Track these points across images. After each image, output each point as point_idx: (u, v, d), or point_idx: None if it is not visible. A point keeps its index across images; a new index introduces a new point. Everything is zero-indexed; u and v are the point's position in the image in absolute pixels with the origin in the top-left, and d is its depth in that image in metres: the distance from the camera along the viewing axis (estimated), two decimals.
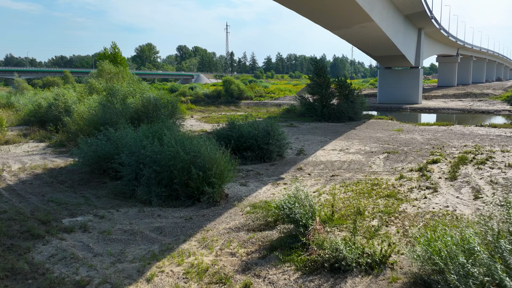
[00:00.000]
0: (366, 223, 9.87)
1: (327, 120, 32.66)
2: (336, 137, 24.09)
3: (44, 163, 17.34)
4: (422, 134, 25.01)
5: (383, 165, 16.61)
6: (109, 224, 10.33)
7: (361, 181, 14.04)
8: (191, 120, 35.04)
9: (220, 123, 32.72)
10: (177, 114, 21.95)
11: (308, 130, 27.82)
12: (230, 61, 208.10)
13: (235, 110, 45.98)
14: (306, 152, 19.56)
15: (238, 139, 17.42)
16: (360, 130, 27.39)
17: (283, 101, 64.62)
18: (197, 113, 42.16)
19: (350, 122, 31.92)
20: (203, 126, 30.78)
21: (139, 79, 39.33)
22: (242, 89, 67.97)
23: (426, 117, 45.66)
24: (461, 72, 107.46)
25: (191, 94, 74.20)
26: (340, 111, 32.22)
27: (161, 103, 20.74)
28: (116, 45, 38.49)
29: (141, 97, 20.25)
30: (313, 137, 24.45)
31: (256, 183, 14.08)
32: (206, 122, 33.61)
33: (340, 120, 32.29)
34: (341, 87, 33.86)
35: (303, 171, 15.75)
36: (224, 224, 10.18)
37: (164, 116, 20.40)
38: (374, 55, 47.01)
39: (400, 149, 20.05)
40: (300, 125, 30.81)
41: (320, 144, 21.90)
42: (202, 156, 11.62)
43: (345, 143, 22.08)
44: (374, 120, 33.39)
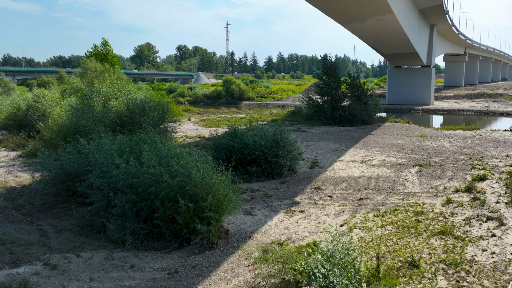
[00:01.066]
0: (428, 285, 6.79)
1: (337, 123, 29.57)
2: (352, 145, 21.00)
3: (5, 179, 14.27)
4: (450, 140, 21.92)
5: (419, 182, 13.53)
6: (61, 280, 7.27)
7: (398, 207, 10.97)
8: (188, 124, 31.98)
9: (220, 127, 29.72)
10: (169, 119, 18.87)
11: (319, 135, 24.74)
12: (230, 61, 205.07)
13: (236, 112, 42.94)
14: (322, 165, 16.48)
15: (241, 151, 14.37)
16: (378, 135, 24.30)
17: (286, 102, 61.55)
18: (195, 116, 39.11)
19: (364, 126, 28.84)
20: (200, 130, 27.72)
21: (128, 79, 36.27)
22: (243, 89, 64.92)
23: (440, 119, 42.58)
24: (467, 71, 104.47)
25: (190, 95, 71.17)
26: (352, 114, 29.14)
27: (150, 106, 17.68)
28: (107, 42, 35.43)
29: (126, 100, 17.17)
30: (326, 144, 21.37)
31: (264, 211, 10.99)
32: (204, 126, 30.56)
33: (352, 124, 29.21)
34: (353, 87, 30.80)
35: (322, 192, 12.67)
36: (224, 283, 7.11)
37: (153, 121, 17.34)
38: (384, 53, 43.95)
39: (431, 160, 16.97)
40: (309, 129, 27.74)
41: (335, 153, 18.81)
42: (193, 181, 8.56)
43: (364, 152, 19.00)
44: (390, 124, 30.30)
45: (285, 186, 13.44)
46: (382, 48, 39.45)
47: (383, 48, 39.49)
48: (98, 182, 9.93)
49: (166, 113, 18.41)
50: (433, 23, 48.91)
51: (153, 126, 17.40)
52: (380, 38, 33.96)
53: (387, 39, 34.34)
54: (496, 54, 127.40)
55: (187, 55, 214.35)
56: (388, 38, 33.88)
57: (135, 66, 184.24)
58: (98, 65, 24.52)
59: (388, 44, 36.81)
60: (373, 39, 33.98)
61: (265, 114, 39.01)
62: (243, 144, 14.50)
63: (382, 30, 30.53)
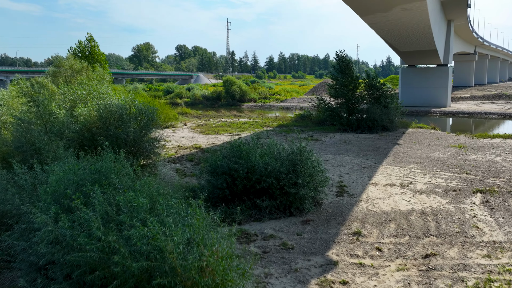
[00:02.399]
0: None
1: (354, 130, 25.73)
2: (381, 159, 17.17)
3: None
4: (498, 153, 18.10)
5: (495, 222, 9.72)
6: None
7: (491, 275, 7.15)
8: (184, 130, 28.15)
9: (220, 135, 25.92)
10: (156, 129, 15.06)
11: (337, 146, 20.90)
12: (231, 61, 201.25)
13: (238, 115, 39.14)
14: (352, 190, 12.66)
15: (247, 176, 10.56)
16: (407, 146, 20.47)
17: (290, 104, 57.75)
18: (192, 120, 35.28)
19: (386, 134, 25.00)
20: (197, 139, 23.88)
21: (110, 79, 32.52)
22: (244, 90, 61.13)
23: (462, 122, 38.76)
24: (476, 71, 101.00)
25: (188, 96, 67.45)
26: (371, 119, 25.30)
27: (129, 114, 13.87)
28: (92, 38, 31.69)
29: (98, 105, 13.33)
30: (348, 158, 17.53)
31: (286, 281, 7.15)
32: (201, 132, 26.72)
33: (372, 130, 25.36)
34: (371, 87, 26.98)
35: (365, 241, 8.84)
36: None
37: (134, 133, 13.54)
38: (400, 51, 40.14)
39: (491, 183, 13.16)
40: (322, 137, 23.91)
41: (364, 172, 14.98)
42: (168, 263, 4.72)
43: (400, 170, 15.17)
44: (414, 130, 26.47)
45: (310, 228, 9.60)
46: (399, 45, 35.65)
47: (400, 45, 35.70)
48: (20, 245, 6.12)
49: (152, 122, 14.57)
50: (451, 18, 45.09)
51: (134, 140, 13.63)
52: (400, 32, 30.17)
53: (408, 34, 30.54)
54: (504, 53, 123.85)
55: (186, 55, 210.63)
56: (409, 33, 30.08)
57: (134, 66, 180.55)
58: (75, 63, 20.69)
59: (407, 40, 33.03)
60: (392, 33, 30.21)
61: (270, 118, 35.15)
62: (250, 166, 10.69)
63: (406, 23, 26.74)
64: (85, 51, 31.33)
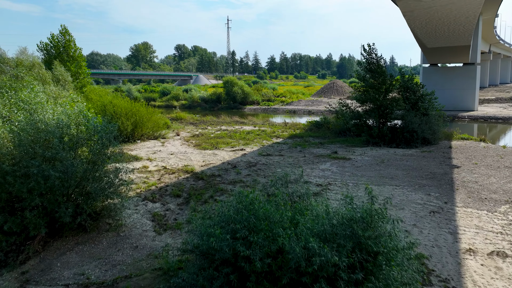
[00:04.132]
0: None
1: (388, 143, 20.55)
2: (450, 194, 11.99)
3: None
4: None
5: None
6: None
7: None
8: (175, 142, 22.96)
9: (219, 149, 20.74)
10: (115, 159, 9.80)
11: (374, 168, 15.71)
12: (231, 61, 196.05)
13: (240, 121, 33.95)
14: (439, 267, 7.49)
15: (269, 271, 5.37)
16: (469, 169, 15.29)
17: (297, 107, 52.54)
18: (188, 127, 30.11)
19: (429, 148, 19.84)
20: (190, 156, 18.69)
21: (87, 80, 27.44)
22: (246, 92, 55.92)
23: (498, 130, 33.58)
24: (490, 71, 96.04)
25: (185, 98, 62.29)
26: (410, 129, 20.12)
27: (74, 136, 8.69)
28: (67, 31, 26.54)
29: (19, 125, 8.13)
30: (400, 192, 12.35)
31: None
32: (196, 145, 21.53)
33: (410, 144, 20.20)
34: (406, 90, 21.82)
35: None
36: None
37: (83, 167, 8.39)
38: (427, 46, 34.96)
39: None
40: (349, 153, 18.74)
41: (439, 222, 9.80)
42: None
43: (492, 218, 9.99)
44: (460, 143, 21.31)
45: None
46: (429, 39, 30.52)
47: (430, 39, 30.56)
48: None
49: (112, 145, 9.35)
50: (482, 11, 39.92)
51: (82, 177, 8.49)
52: (437, 24, 25.05)
53: (447, 25, 25.41)
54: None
55: (186, 55, 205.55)
56: (449, 24, 24.95)
57: (131, 67, 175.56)
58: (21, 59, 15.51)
59: (441, 34, 27.93)
60: (427, 25, 25.12)
61: (278, 126, 29.94)
62: (274, 250, 5.50)
63: (451, 11, 21.64)
64: (59, 46, 26.20)
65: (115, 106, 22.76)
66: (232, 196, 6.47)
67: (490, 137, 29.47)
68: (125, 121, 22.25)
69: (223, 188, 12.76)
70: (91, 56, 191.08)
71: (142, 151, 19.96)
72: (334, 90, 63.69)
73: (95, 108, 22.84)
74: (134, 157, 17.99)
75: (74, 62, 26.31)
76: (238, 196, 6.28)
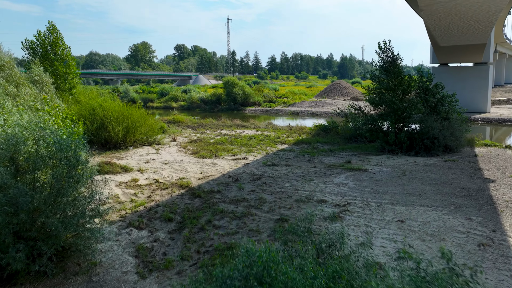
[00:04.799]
0: None
1: (405, 151, 18.57)
2: (496, 218, 10.02)
3: None
4: None
5: None
6: None
7: None
8: (171, 149, 21.00)
9: (219, 158, 18.73)
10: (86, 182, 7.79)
11: (396, 182, 13.72)
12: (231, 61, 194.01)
13: (241, 124, 31.96)
14: None
15: None
16: (507, 183, 13.31)
17: (300, 109, 50.57)
18: (186, 131, 28.15)
19: (452, 157, 17.87)
20: (186, 166, 16.71)
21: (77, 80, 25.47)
22: (247, 93, 53.96)
23: None
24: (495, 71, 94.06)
25: (184, 99, 60.34)
26: (430, 136, 18.15)
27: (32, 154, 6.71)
28: (55, 27, 24.57)
29: None
30: (435, 215, 10.36)
31: None
32: (194, 153, 19.55)
33: (430, 152, 18.23)
34: (425, 92, 19.85)
35: None
36: None
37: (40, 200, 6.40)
38: (440, 45, 33.00)
39: None
40: (365, 163, 16.78)
41: (495, 262, 7.83)
42: None
43: None
44: (484, 150, 19.36)
45: None
46: (443, 37, 28.55)
47: (445, 37, 28.59)
48: None
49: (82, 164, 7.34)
50: None
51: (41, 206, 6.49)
52: (455, 20, 23.08)
53: (464, 22, 23.44)
54: None
55: (185, 55, 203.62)
56: (468, 20, 22.97)
57: (130, 67, 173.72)
58: None
59: (457, 30, 25.96)
60: (444, 21, 23.15)
61: (283, 130, 27.94)
62: None
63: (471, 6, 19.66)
64: (46, 45, 24.22)
65: (105, 110, 20.79)
66: (238, 257, 4.43)
67: (499, 138, 27.56)
68: (116, 126, 20.29)
69: (223, 209, 10.79)
70: (89, 56, 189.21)
71: (134, 160, 17.99)
72: (338, 90, 61.72)
73: (84, 111, 20.91)
74: (123, 167, 16.01)
75: (62, 62, 24.34)
76: (245, 255, 4.28)
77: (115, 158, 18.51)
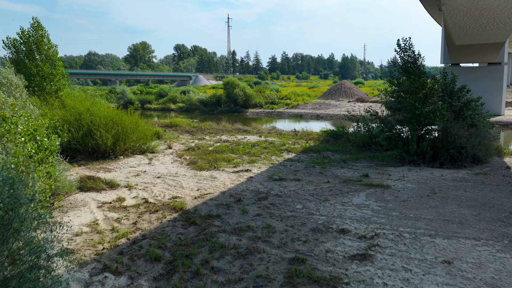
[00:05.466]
0: None
1: (428, 162, 16.52)
2: None
3: None
4: None
5: None
6: None
7: None
8: (165, 158, 18.97)
9: (219, 170, 16.65)
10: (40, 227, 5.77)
11: (426, 202, 11.66)
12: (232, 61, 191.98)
13: (243, 129, 29.91)
14: None
15: None
16: None
17: (304, 111, 48.55)
18: (183, 136, 26.14)
19: (481, 169, 15.82)
20: (181, 181, 14.65)
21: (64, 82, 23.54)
22: (249, 94, 51.96)
23: None
24: None
25: (183, 101, 58.33)
26: (457, 145, 16.11)
27: None
28: (39, 24, 22.53)
29: None
30: (488, 253, 8.32)
31: None
32: (191, 163, 17.51)
33: (456, 163, 16.19)
34: (449, 95, 17.82)
35: None
36: None
37: None
38: (456, 43, 30.96)
39: None
40: (384, 176, 14.75)
41: None
42: None
43: None
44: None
45: None
46: (461, 34, 26.54)
47: (462, 35, 26.58)
48: None
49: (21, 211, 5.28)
50: None
51: None
52: (476, 16, 21.08)
53: (485, 19, 21.42)
54: None
55: (185, 55, 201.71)
56: (488, 18, 20.97)
57: (130, 67, 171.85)
58: None
59: (477, 28, 23.96)
60: (464, 17, 21.17)
61: (288, 136, 25.87)
62: None
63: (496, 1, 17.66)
64: (30, 43, 22.20)
65: (92, 115, 18.75)
66: None
67: None
68: (105, 133, 18.25)
69: (224, 243, 8.75)
70: (88, 56, 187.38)
71: (123, 173, 15.96)
72: (342, 91, 59.69)
73: (69, 117, 18.86)
74: (109, 183, 13.97)
75: (47, 62, 22.32)
76: None
77: (102, 170, 16.48)
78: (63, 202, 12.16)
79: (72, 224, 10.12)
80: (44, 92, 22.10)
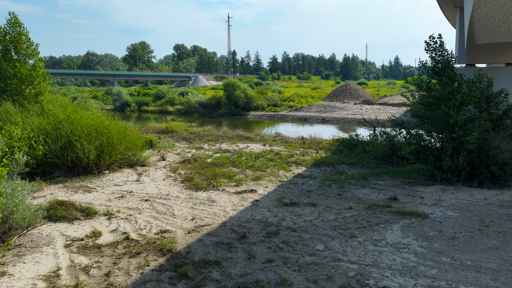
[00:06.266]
0: None
1: (464, 180, 14.06)
2: None
3: None
4: None
5: None
6: None
7: None
8: (157, 173, 16.50)
9: (218, 190, 14.19)
10: None
11: (482, 242, 9.22)
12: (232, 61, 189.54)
13: (244, 135, 27.44)
14: None
15: None
16: None
17: (309, 114, 46.10)
18: (179, 144, 23.71)
19: None
20: (172, 206, 12.19)
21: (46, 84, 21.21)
22: (250, 96, 49.51)
23: None
24: None
25: (181, 102, 55.90)
26: (499, 160, 13.64)
27: None
28: (17, 20, 20.11)
29: None
30: None
31: None
32: (186, 180, 15.05)
33: (498, 181, 13.74)
34: (486, 101, 15.36)
35: None
36: None
37: None
38: (477, 42, 28.53)
39: None
40: (416, 200, 12.31)
41: None
42: None
43: None
44: None
45: None
46: (485, 32, 24.13)
47: (486, 33, 24.16)
48: None
49: None
50: None
51: None
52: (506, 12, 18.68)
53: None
54: None
55: (185, 55, 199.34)
56: None
57: (128, 67, 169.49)
58: None
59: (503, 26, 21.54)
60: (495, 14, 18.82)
61: (296, 144, 23.36)
62: None
63: None
64: (7, 41, 19.78)
65: (73, 124, 16.30)
66: None
67: None
68: (87, 144, 15.79)
69: None
70: (86, 56, 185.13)
71: (104, 193, 13.51)
72: (348, 93, 57.24)
73: (47, 126, 16.40)
74: (85, 210, 11.50)
75: (26, 62, 19.89)
76: None
77: (82, 189, 14.03)
78: (23, 238, 9.72)
79: (24, 277, 7.67)
80: (22, 97, 19.69)
